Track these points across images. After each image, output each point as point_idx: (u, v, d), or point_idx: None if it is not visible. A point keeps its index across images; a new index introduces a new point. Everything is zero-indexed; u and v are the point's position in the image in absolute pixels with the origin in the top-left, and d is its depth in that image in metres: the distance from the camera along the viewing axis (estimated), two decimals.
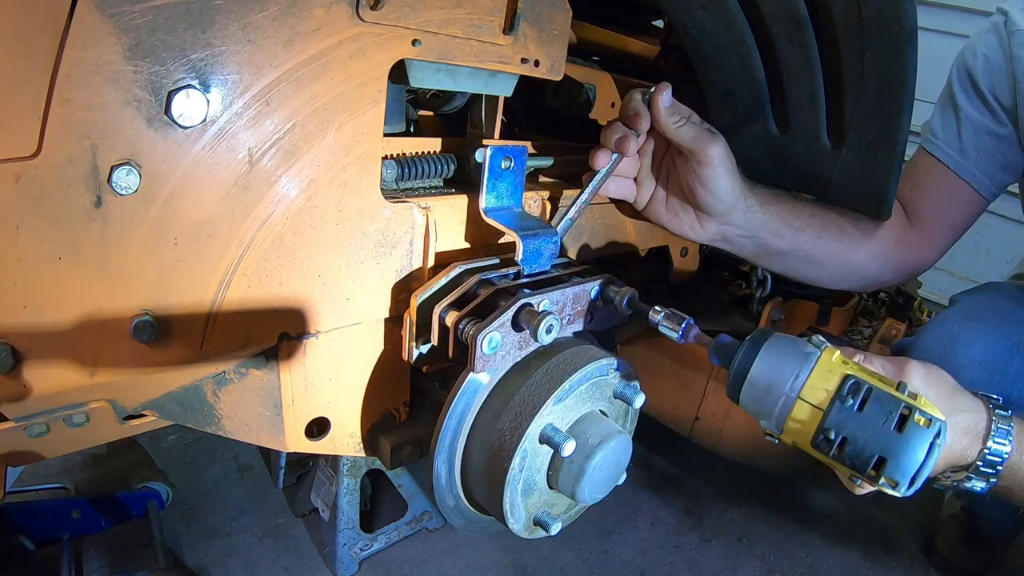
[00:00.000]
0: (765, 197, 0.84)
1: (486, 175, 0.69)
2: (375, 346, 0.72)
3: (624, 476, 0.73)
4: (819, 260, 0.91)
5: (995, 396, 0.71)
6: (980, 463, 0.67)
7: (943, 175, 1.00)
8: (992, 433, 0.67)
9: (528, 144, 0.79)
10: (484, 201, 0.70)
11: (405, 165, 0.70)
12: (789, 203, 0.88)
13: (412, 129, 0.83)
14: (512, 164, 0.71)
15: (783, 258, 0.90)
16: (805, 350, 0.62)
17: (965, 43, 1.02)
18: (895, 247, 0.97)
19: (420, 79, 0.64)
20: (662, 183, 0.81)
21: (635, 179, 0.81)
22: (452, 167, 0.74)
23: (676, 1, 0.84)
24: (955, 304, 1.08)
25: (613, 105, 1.02)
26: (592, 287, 0.72)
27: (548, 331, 0.64)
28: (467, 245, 0.74)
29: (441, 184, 0.77)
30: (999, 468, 0.67)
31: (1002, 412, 0.68)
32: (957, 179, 0.99)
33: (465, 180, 0.77)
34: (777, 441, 0.64)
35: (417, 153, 0.73)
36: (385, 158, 0.68)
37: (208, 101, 0.49)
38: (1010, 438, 0.67)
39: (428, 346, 0.69)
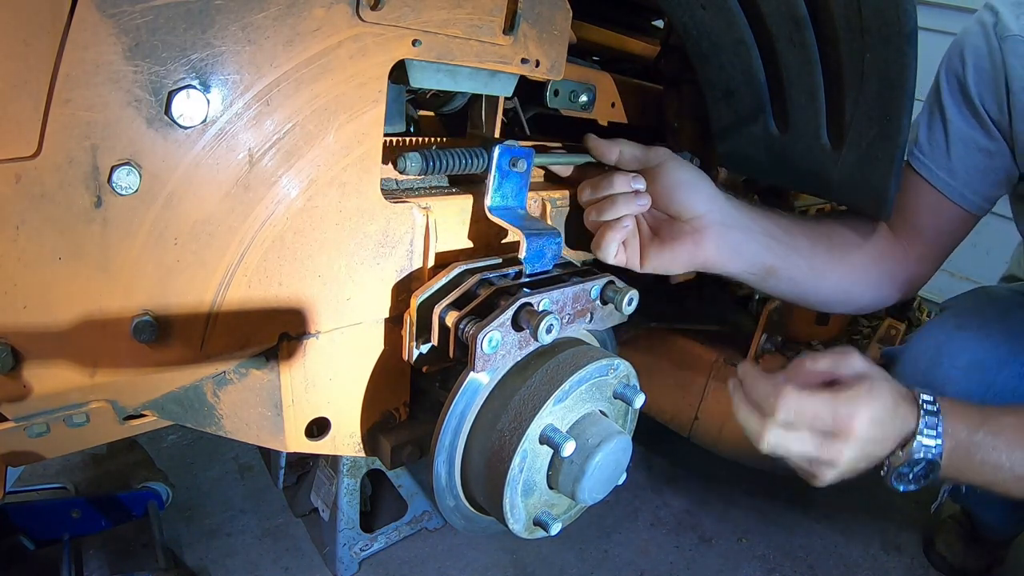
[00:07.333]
0: (749, 204, 0.85)
1: (493, 174, 0.69)
2: (375, 346, 0.72)
3: (624, 476, 0.73)
4: (815, 275, 0.89)
5: (927, 395, 0.72)
6: (912, 462, 0.70)
7: (931, 195, 0.95)
8: (919, 433, 0.69)
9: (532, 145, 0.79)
10: (490, 200, 0.70)
11: (430, 159, 0.67)
12: (775, 211, 0.88)
13: (412, 129, 0.83)
14: (519, 165, 0.71)
15: (784, 273, 0.87)
16: None
17: (951, 44, 0.95)
18: (887, 262, 0.95)
19: (420, 79, 0.64)
20: (643, 232, 0.81)
21: (623, 244, 0.79)
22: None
23: (676, 1, 0.84)
24: (944, 312, 1.07)
25: (613, 105, 1.02)
26: (592, 287, 0.72)
27: (548, 331, 0.64)
28: (468, 245, 0.74)
29: (444, 183, 0.77)
30: (934, 459, 0.69)
31: (930, 407, 0.70)
32: (946, 200, 0.94)
33: (466, 180, 0.77)
34: None
35: (441, 142, 0.72)
36: (410, 150, 0.67)
37: (208, 101, 0.49)
38: (939, 430, 0.69)
39: (428, 346, 0.69)
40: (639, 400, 0.72)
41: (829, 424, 0.67)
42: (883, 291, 0.96)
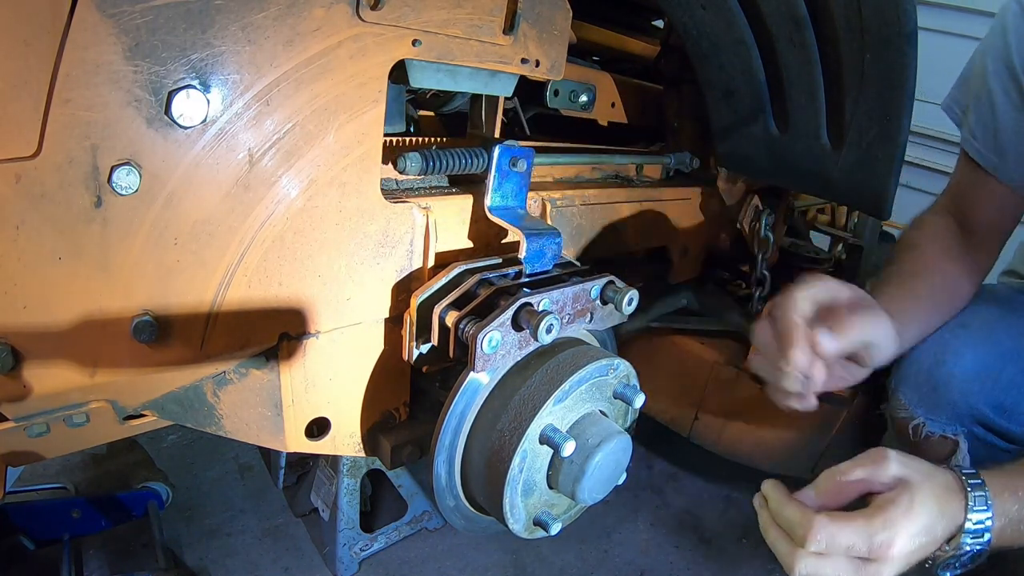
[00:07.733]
0: (891, 301, 0.86)
1: (493, 174, 0.69)
2: (375, 346, 0.72)
3: (624, 476, 0.73)
4: (931, 327, 0.94)
5: (974, 478, 0.70)
6: (964, 546, 0.67)
7: (986, 180, 0.96)
8: (966, 524, 0.67)
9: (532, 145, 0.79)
10: (490, 199, 0.70)
11: (430, 159, 0.68)
12: (904, 286, 0.91)
13: (412, 129, 0.83)
14: (519, 165, 0.71)
15: (907, 346, 0.92)
16: None
17: (991, 27, 0.94)
18: (971, 270, 0.98)
19: (420, 79, 0.64)
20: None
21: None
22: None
23: (676, 1, 0.84)
24: None
25: (613, 105, 1.02)
26: (592, 287, 0.72)
27: (548, 331, 0.64)
28: (468, 245, 0.74)
29: (444, 183, 0.77)
30: (985, 539, 0.68)
31: (978, 492, 0.68)
32: (998, 183, 0.95)
33: (466, 180, 0.77)
34: None
35: (441, 142, 0.71)
36: (410, 150, 0.67)
37: (208, 101, 0.49)
38: (989, 513, 0.67)
39: (428, 346, 0.69)
40: (639, 400, 0.72)
41: (865, 552, 0.64)
42: (968, 296, 0.99)
